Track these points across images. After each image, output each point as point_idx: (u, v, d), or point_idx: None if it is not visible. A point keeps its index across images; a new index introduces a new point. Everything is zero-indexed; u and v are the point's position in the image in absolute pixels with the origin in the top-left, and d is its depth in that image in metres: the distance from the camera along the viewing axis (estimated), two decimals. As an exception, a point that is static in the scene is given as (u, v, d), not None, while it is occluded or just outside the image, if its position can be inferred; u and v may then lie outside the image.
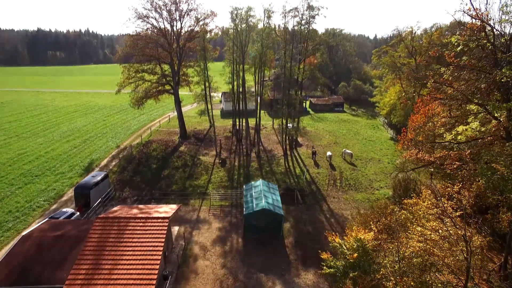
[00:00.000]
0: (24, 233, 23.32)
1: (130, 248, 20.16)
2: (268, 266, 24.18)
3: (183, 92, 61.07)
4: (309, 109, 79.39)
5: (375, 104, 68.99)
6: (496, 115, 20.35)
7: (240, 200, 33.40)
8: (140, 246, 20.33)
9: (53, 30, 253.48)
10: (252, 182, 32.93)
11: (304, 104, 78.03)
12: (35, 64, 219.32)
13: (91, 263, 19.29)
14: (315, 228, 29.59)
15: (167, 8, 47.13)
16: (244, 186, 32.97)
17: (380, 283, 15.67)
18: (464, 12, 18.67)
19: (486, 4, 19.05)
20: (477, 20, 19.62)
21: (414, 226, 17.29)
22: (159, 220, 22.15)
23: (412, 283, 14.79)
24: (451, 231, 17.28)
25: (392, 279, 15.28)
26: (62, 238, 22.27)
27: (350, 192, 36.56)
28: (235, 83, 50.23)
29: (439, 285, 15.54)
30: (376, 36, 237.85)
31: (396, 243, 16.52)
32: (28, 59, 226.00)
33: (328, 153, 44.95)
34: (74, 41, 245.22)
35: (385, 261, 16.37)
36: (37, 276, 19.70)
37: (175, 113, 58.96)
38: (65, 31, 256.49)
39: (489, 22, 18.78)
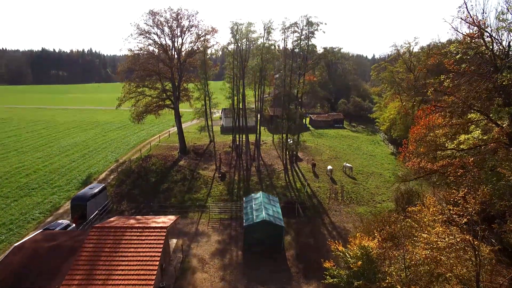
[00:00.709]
0: (16, 243, 22.62)
1: (126, 258, 19.46)
2: (269, 279, 23.31)
3: (183, 109, 61.06)
4: (309, 126, 79.50)
5: (375, 120, 69.17)
6: (498, 122, 20.20)
7: (240, 213, 32.70)
8: (136, 256, 19.64)
9: (57, 50, 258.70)
10: (252, 194, 32.40)
11: (304, 120, 78.41)
12: (38, 83, 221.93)
13: (85, 273, 18.56)
14: (316, 240, 28.82)
15: (169, 24, 48.03)
16: (244, 199, 32.41)
17: (387, 292, 14.97)
18: (462, 19, 18.90)
19: (483, 13, 19.21)
20: (474, 29, 19.84)
21: (419, 233, 16.75)
22: (157, 230, 21.53)
23: (419, 292, 14.13)
24: (458, 239, 16.73)
25: (399, 287, 14.60)
26: (56, 248, 21.55)
27: (352, 205, 35.91)
28: (235, 98, 50.39)
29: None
30: (374, 56, 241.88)
31: (401, 251, 15.92)
32: (31, 78, 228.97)
33: (329, 167, 44.53)
34: (76, 61, 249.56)
35: (390, 269, 15.71)
36: (29, 287, 18.89)
37: (175, 129, 58.95)
38: (68, 51, 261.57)
39: (486, 29, 18.99)
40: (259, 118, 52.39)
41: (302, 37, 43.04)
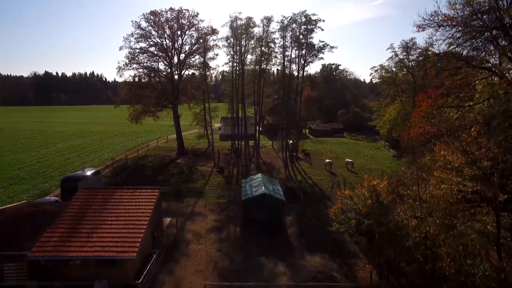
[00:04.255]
0: (-1, 209, 21.10)
1: (114, 215, 17.98)
2: (269, 252, 21.51)
3: (182, 122, 59.49)
4: (309, 135, 78.78)
5: (375, 128, 68.28)
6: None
7: (239, 198, 31.10)
8: (125, 212, 18.14)
9: (59, 73, 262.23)
10: (251, 176, 31.02)
11: (304, 131, 77.71)
12: (40, 105, 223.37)
13: (68, 227, 17.04)
14: (320, 221, 27.07)
15: (169, 24, 48.62)
16: (242, 180, 30.97)
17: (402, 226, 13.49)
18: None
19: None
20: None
21: (432, 174, 15.50)
22: (149, 191, 20.14)
23: (437, 221, 12.69)
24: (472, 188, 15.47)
25: (415, 220, 13.17)
26: (39, 212, 20.06)
27: (356, 193, 34.35)
28: (234, 101, 49.60)
29: (469, 230, 13.36)
30: (371, 80, 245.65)
31: (415, 188, 14.61)
32: (33, 101, 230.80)
33: (327, 160, 43.21)
34: (78, 84, 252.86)
35: (404, 207, 14.29)
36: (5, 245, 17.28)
37: (173, 136, 57.93)
38: (70, 74, 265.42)
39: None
40: (258, 120, 51.83)
41: (301, 35, 43.33)
